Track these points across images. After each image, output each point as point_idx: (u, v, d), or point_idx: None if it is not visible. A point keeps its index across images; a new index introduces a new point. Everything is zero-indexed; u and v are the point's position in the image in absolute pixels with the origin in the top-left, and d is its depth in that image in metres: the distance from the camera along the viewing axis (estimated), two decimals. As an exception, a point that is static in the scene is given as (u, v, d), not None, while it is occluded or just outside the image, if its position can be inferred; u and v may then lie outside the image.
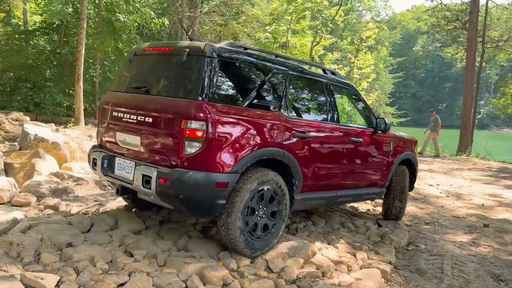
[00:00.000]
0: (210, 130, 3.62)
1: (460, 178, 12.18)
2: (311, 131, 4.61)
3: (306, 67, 5.00)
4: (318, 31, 22.38)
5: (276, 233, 4.24)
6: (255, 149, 3.95)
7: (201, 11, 26.53)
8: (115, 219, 4.73)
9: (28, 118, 14.01)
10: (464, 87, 20.61)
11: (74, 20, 20.97)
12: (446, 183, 10.97)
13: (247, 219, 3.97)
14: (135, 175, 3.88)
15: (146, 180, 3.75)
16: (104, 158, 4.31)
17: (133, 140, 4.06)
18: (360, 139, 5.37)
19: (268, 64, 4.42)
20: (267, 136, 4.09)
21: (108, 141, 4.50)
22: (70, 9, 18.40)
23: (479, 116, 72.68)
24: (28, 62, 21.82)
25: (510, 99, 25.37)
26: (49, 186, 5.94)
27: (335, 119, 5.12)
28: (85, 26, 17.33)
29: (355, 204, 7.12)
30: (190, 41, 4.16)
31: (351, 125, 5.54)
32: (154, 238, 4.31)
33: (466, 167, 15.12)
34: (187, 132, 3.61)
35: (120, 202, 5.65)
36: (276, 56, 4.77)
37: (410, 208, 7.45)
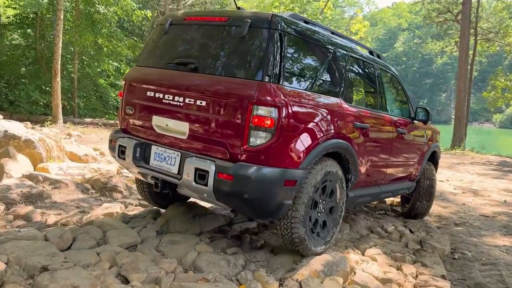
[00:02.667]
0: (282, 118, 3.07)
1: (466, 173, 11.56)
2: (367, 121, 4.19)
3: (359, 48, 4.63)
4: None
5: (333, 231, 3.84)
6: (322, 141, 3.46)
7: (184, 4, 25.53)
8: (102, 231, 3.82)
9: (1, 116, 12.92)
10: (458, 80, 20.13)
11: (50, 14, 19.79)
12: (454, 178, 10.30)
13: (310, 216, 3.53)
14: (185, 169, 3.25)
15: (201, 175, 3.17)
16: (137, 146, 3.64)
17: (179, 127, 3.42)
18: (405, 130, 4.99)
19: (331, 42, 3.93)
20: (333, 127, 3.62)
21: (139, 126, 3.79)
22: (46, 0, 17.15)
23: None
24: (1, 59, 20.46)
25: (500, 92, 25.03)
26: (21, 191, 4.97)
27: (384, 107, 4.76)
28: (62, 17, 16.24)
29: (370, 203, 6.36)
30: (249, 11, 3.52)
31: (396, 114, 5.13)
32: (153, 255, 3.41)
33: (466, 162, 14.56)
34: (254, 119, 3.04)
35: (107, 208, 4.72)
36: (332, 33, 4.20)
37: (433, 207, 6.67)
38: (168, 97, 3.48)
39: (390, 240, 4.63)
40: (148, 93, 3.63)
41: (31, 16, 20.53)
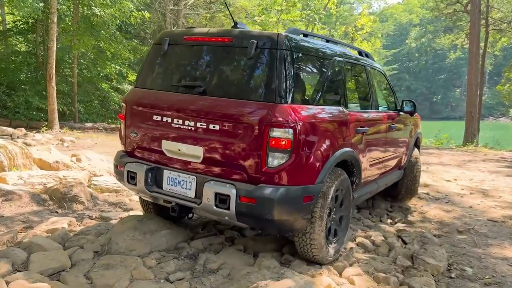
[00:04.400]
0: (298, 138, 3.09)
1: (477, 171, 10.77)
2: (366, 124, 4.27)
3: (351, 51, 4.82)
4: (311, 19, 20.91)
5: (345, 233, 3.92)
6: (333, 153, 3.50)
7: (185, 4, 25.07)
8: (28, 253, 3.25)
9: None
10: (469, 73, 19.24)
11: (49, 20, 19.50)
12: (464, 177, 9.53)
13: (327, 226, 3.60)
14: (204, 193, 3.20)
15: (222, 199, 3.14)
16: (149, 171, 3.52)
17: (193, 151, 3.34)
18: (396, 125, 5.18)
19: (329, 52, 3.97)
20: (340, 137, 3.69)
21: (147, 150, 3.67)
22: (41, 4, 16.81)
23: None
24: (8, 66, 20.24)
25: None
26: (-37, 205, 4.44)
27: (376, 106, 4.96)
28: (55, 20, 15.86)
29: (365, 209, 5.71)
30: (252, 30, 3.51)
31: (386, 110, 5.31)
32: (77, 284, 2.83)
33: (478, 159, 13.72)
34: (271, 142, 3.05)
35: (53, 223, 4.16)
36: (327, 41, 4.27)
37: (434, 211, 6.00)
38: (178, 121, 3.40)
39: (377, 254, 3.97)
40: (155, 117, 3.54)
41: (31, 21, 20.27)
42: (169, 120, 3.43)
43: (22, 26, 21.36)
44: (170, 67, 3.74)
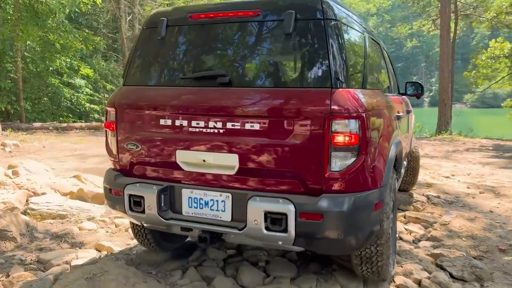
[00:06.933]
0: (365, 130, 2.45)
1: (467, 163, 10.04)
2: (400, 110, 3.86)
3: None
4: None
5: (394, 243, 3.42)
6: (392, 146, 3.04)
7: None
8: None
9: None
10: (441, 59, 18.66)
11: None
12: (459, 171, 8.70)
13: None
14: (249, 214, 2.51)
15: (274, 219, 2.47)
16: (161, 192, 2.78)
17: (224, 160, 2.66)
18: (409, 109, 4.97)
19: (361, 25, 3.37)
20: (392, 126, 3.21)
21: (153, 165, 2.94)
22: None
23: (431, 94, 74.11)
24: None
25: (481, 71, 23.80)
26: None
27: (395, 89, 4.61)
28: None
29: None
30: None
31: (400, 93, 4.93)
32: None
33: (461, 148, 13.14)
34: (334, 138, 2.40)
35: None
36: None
37: (457, 221, 5.01)
38: (198, 123, 2.73)
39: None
40: (163, 122, 2.84)
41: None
42: (185, 123, 2.74)
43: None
44: (174, 55, 3.03)
